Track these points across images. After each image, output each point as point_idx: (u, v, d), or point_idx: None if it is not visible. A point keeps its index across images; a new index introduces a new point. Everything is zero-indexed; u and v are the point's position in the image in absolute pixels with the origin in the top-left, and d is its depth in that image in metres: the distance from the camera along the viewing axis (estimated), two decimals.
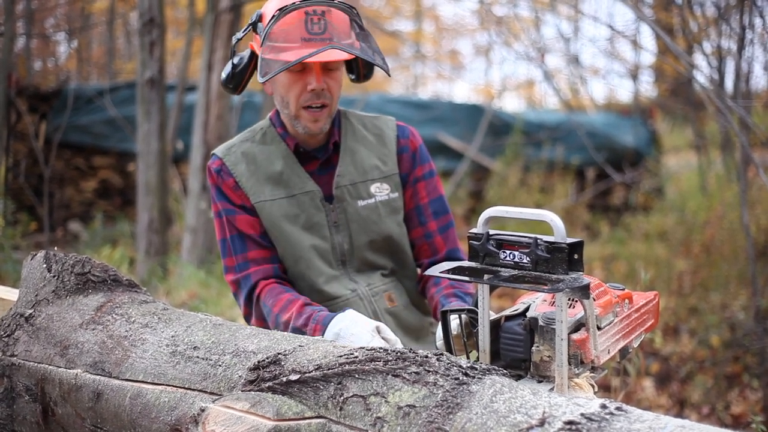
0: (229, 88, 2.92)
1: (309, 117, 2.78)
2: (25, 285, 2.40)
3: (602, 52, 16.59)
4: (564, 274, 1.93)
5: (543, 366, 2.06)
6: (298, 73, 2.73)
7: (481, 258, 2.06)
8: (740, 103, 5.20)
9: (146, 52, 8.13)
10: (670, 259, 8.04)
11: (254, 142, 2.93)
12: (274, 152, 2.90)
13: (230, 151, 2.91)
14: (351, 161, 2.93)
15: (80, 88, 11.27)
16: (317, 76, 2.71)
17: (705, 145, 10.45)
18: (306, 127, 2.81)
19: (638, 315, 2.36)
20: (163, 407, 1.95)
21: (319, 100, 2.75)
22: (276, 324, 2.66)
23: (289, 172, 2.88)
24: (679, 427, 1.43)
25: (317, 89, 2.72)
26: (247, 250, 2.83)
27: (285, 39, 2.63)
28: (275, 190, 2.86)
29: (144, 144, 8.27)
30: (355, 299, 2.86)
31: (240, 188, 2.85)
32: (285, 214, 2.84)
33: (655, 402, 5.59)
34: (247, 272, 2.82)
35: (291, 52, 2.60)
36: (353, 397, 1.72)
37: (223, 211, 2.86)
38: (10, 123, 8.94)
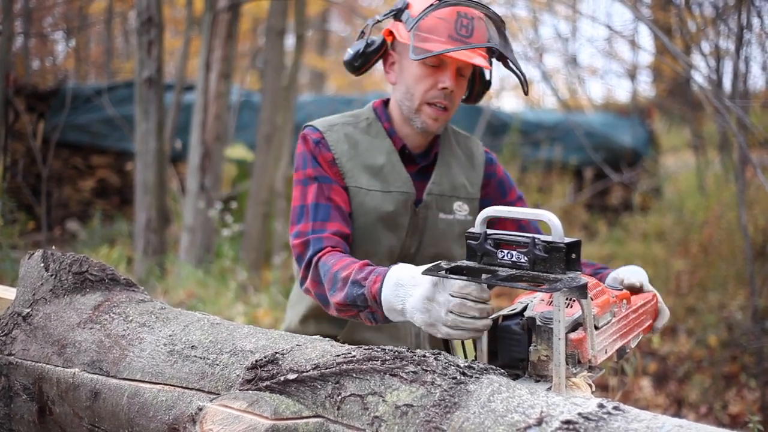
0: (354, 66, 2.88)
1: (431, 113, 2.75)
2: (23, 284, 2.40)
3: (600, 52, 16.61)
4: (562, 273, 1.95)
5: (540, 365, 2.06)
6: (432, 68, 2.71)
7: (479, 257, 2.07)
8: (738, 103, 5.21)
9: (144, 52, 8.13)
10: (668, 259, 8.04)
11: (357, 128, 2.89)
12: (378, 146, 2.86)
13: (332, 128, 2.86)
14: (445, 174, 2.92)
15: (78, 88, 11.26)
16: (452, 76, 2.69)
17: (703, 145, 10.46)
18: (425, 122, 2.78)
19: (636, 315, 2.38)
20: (160, 406, 1.95)
21: (445, 101, 2.73)
22: (333, 281, 2.52)
23: (390, 168, 2.84)
24: (677, 427, 1.43)
25: (449, 88, 2.70)
26: (329, 220, 2.75)
27: (432, 31, 2.63)
28: (372, 181, 2.81)
29: (142, 143, 8.26)
30: None
31: (336, 166, 2.79)
32: (375, 208, 2.80)
33: (652, 401, 5.59)
34: (321, 236, 2.71)
35: (436, 44, 2.61)
36: (351, 397, 1.72)
37: (320, 178, 2.78)
38: (8, 122, 8.93)
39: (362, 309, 2.39)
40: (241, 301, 7.09)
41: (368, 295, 2.32)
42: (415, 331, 2.91)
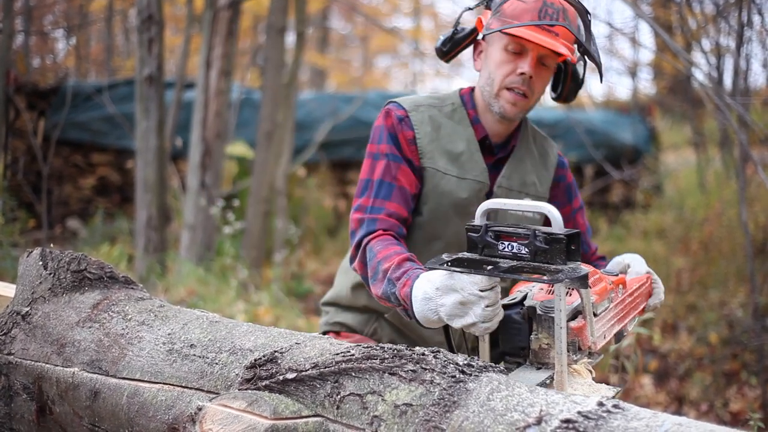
0: (442, 52, 2.93)
1: (509, 98, 2.76)
2: (22, 282, 2.40)
3: (601, 50, 16.58)
4: (562, 264, 1.98)
5: (542, 353, 2.13)
6: (514, 54, 2.72)
7: (480, 249, 2.11)
8: (739, 101, 5.20)
9: (145, 49, 8.12)
10: (669, 257, 8.04)
11: (441, 112, 2.89)
12: (460, 132, 2.87)
13: (417, 108, 2.86)
14: (517, 169, 2.93)
15: (79, 85, 11.26)
16: (532, 62, 2.69)
17: (703, 142, 10.45)
18: (503, 107, 2.78)
19: (632, 299, 2.48)
20: (160, 406, 1.95)
21: (524, 87, 2.73)
22: (375, 271, 2.57)
23: (469, 156, 2.85)
24: (676, 425, 1.43)
25: (527, 74, 2.70)
26: (389, 200, 2.76)
27: (515, 16, 2.64)
28: (449, 166, 2.82)
29: (142, 141, 8.26)
30: None
31: (415, 145, 2.80)
32: (449, 192, 2.81)
33: (653, 399, 5.59)
34: (375, 217, 2.72)
35: (518, 29, 2.62)
36: (350, 396, 1.72)
37: (390, 156, 2.78)
38: (8, 120, 8.93)
39: (396, 305, 2.42)
40: (241, 299, 7.10)
41: (399, 297, 2.36)
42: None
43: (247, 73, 16.16)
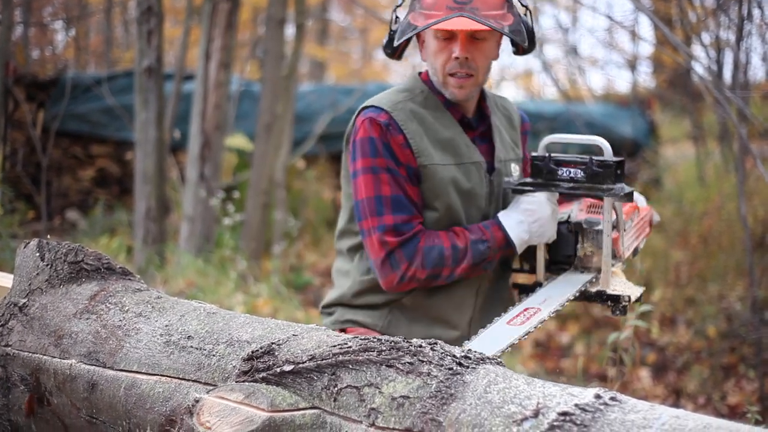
0: (387, 53, 2.98)
1: (455, 83, 2.81)
2: (19, 274, 2.40)
3: (601, 43, 16.59)
4: (612, 184, 2.59)
5: (586, 259, 2.75)
6: (446, 41, 2.77)
7: (544, 175, 2.74)
8: (738, 94, 5.20)
9: (144, 41, 8.11)
10: (668, 250, 8.04)
11: (416, 103, 2.90)
12: (441, 119, 2.89)
13: (397, 106, 2.85)
14: (500, 138, 3.00)
15: (78, 77, 11.24)
16: (461, 45, 2.73)
17: (703, 136, 10.44)
18: (452, 93, 2.84)
19: (643, 223, 3.03)
20: (157, 398, 1.95)
21: (463, 69, 2.77)
22: (454, 253, 2.74)
23: (458, 140, 2.89)
24: (674, 417, 1.43)
25: (461, 57, 2.75)
26: (413, 214, 2.80)
27: (432, 6, 2.70)
28: (444, 156, 2.85)
29: (142, 133, 8.26)
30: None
31: (409, 147, 2.80)
32: (453, 181, 2.83)
33: (651, 392, 5.60)
34: (412, 228, 2.78)
35: (435, 19, 2.67)
36: (347, 388, 1.72)
37: (387, 170, 2.78)
38: (7, 111, 8.92)
39: (485, 262, 2.78)
40: (240, 290, 7.10)
41: (494, 246, 2.77)
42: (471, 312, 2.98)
43: (246, 65, 16.14)
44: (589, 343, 6.85)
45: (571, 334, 7.12)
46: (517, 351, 6.65)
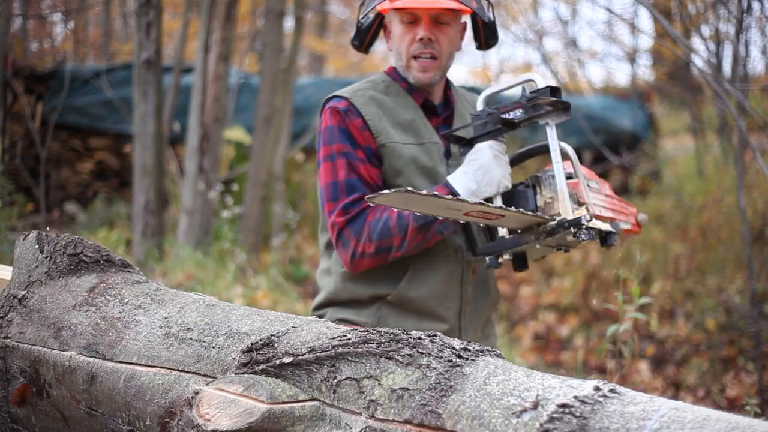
0: (355, 45, 3.08)
1: (418, 66, 2.85)
2: (18, 266, 2.39)
3: (600, 36, 16.56)
4: (550, 108, 2.60)
5: (547, 208, 2.65)
6: (410, 24, 2.83)
7: (486, 127, 2.73)
8: (738, 87, 5.19)
9: (143, 34, 8.11)
10: (667, 243, 8.04)
11: (377, 91, 2.96)
12: (402, 103, 2.93)
13: (356, 93, 2.92)
14: (462, 119, 3.01)
15: (77, 70, 11.23)
16: (425, 26, 2.79)
17: (702, 128, 10.43)
18: (416, 77, 2.88)
19: (619, 203, 2.94)
20: (157, 390, 1.95)
21: (427, 50, 2.82)
22: (399, 221, 2.74)
23: (419, 122, 2.92)
24: (673, 409, 1.43)
25: (424, 38, 2.79)
26: (366, 192, 2.82)
27: None
28: (405, 136, 2.89)
29: (140, 125, 8.25)
30: (454, 259, 2.92)
31: (368, 129, 2.85)
32: (414, 159, 2.87)
33: (650, 385, 5.61)
34: (362, 207, 2.81)
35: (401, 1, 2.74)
36: (346, 380, 1.72)
37: (348, 154, 2.84)
38: (6, 104, 8.91)
39: (434, 223, 2.74)
40: (239, 283, 7.10)
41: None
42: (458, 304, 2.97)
43: (245, 57, 16.13)
44: (589, 336, 6.87)
45: (571, 327, 7.13)
46: (517, 344, 6.66)
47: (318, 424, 1.71)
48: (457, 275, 2.92)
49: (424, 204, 2.40)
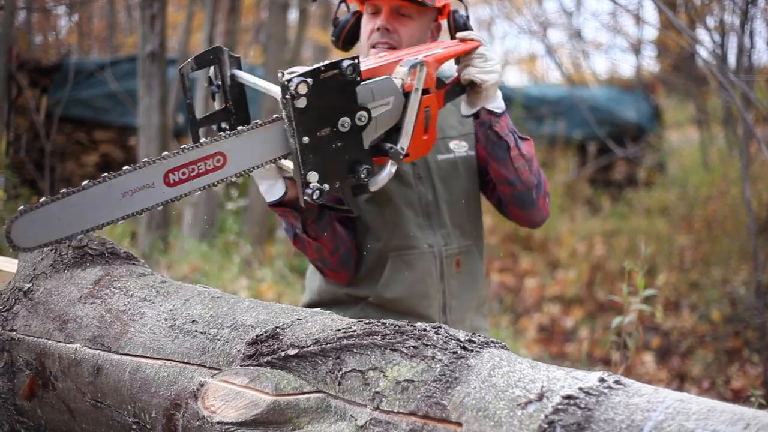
0: (333, 41, 3.02)
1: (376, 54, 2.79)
2: (23, 258, 2.40)
3: (605, 27, 16.54)
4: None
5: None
6: (372, 15, 2.81)
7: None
8: (743, 78, 5.19)
9: (147, 26, 8.10)
10: (672, 235, 8.04)
11: None
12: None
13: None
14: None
15: (81, 62, 11.22)
16: (384, 16, 2.76)
17: (707, 120, 10.42)
18: None
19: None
20: (162, 382, 1.95)
21: (384, 39, 2.78)
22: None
23: None
24: (678, 401, 1.43)
25: (381, 27, 2.76)
26: None
27: None
28: None
29: (145, 118, 8.25)
30: (430, 255, 2.89)
31: None
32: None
33: (655, 376, 5.61)
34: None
35: None
36: (351, 372, 1.72)
37: None
38: (11, 97, 8.90)
39: (288, 226, 2.69)
40: (244, 275, 7.10)
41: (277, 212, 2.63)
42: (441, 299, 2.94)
43: (249, 50, 16.13)
44: (593, 328, 6.87)
45: (575, 319, 7.13)
46: (521, 335, 6.67)
47: (323, 416, 1.72)
48: (434, 271, 2.90)
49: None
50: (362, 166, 2.29)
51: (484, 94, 2.67)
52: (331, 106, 2.18)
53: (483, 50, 2.66)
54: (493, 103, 2.71)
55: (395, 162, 2.41)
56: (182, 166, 2.02)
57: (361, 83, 2.24)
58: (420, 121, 2.48)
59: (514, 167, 2.77)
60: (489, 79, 2.63)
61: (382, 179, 2.41)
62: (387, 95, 2.33)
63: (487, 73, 2.64)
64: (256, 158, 2.18)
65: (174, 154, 2.01)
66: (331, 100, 2.18)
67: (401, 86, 2.37)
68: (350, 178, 2.30)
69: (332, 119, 2.20)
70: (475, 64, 2.65)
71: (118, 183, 1.95)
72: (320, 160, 2.20)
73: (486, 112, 2.71)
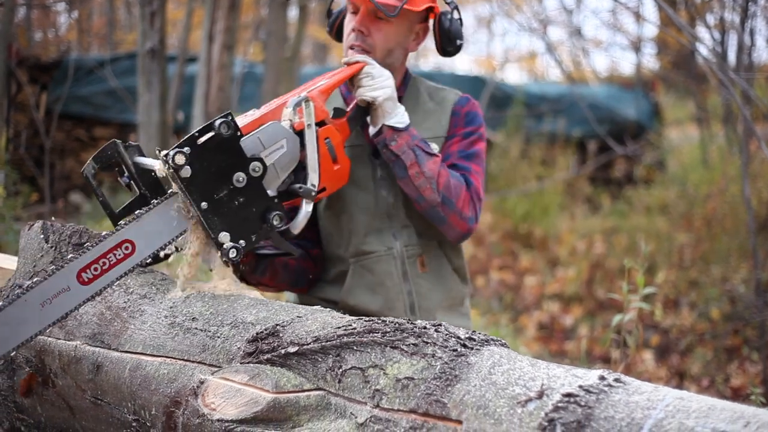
0: (328, 32, 3.00)
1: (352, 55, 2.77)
2: (23, 256, 2.40)
3: (605, 24, 16.54)
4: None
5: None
6: (353, 14, 2.78)
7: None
8: (743, 76, 5.18)
9: (147, 23, 8.09)
10: (671, 233, 8.03)
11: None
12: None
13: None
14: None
15: (81, 59, 11.22)
16: (359, 18, 2.73)
17: (707, 118, 10.41)
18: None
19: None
20: (162, 379, 1.95)
21: (358, 42, 2.74)
22: None
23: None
24: (678, 399, 1.43)
25: (356, 29, 2.73)
26: None
27: None
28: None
29: (145, 115, 8.24)
30: (389, 257, 2.86)
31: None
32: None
33: (654, 374, 5.60)
34: None
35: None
36: (352, 370, 1.72)
37: None
38: (10, 94, 8.90)
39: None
40: None
41: None
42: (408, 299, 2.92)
43: (249, 47, 16.12)
44: (593, 326, 6.86)
45: (575, 317, 7.13)
46: (521, 333, 6.66)
47: (323, 414, 1.72)
48: (395, 273, 2.88)
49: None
50: (272, 212, 2.27)
51: (380, 111, 2.68)
52: (219, 166, 2.17)
53: (369, 69, 2.67)
54: (393, 118, 2.70)
55: (309, 200, 2.42)
56: (92, 263, 2.00)
57: (244, 136, 2.23)
58: (324, 154, 2.50)
59: (414, 185, 2.74)
60: (378, 95, 2.65)
61: (301, 221, 2.43)
62: (278, 139, 2.32)
63: (376, 90, 2.66)
64: (165, 236, 2.16)
65: (80, 254, 2.00)
66: (216, 161, 2.16)
67: (290, 126, 2.37)
68: (265, 228, 2.28)
69: (226, 178, 2.18)
70: (363, 83, 2.67)
71: (33, 295, 1.94)
72: (226, 220, 2.19)
73: (388, 128, 2.69)
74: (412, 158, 2.70)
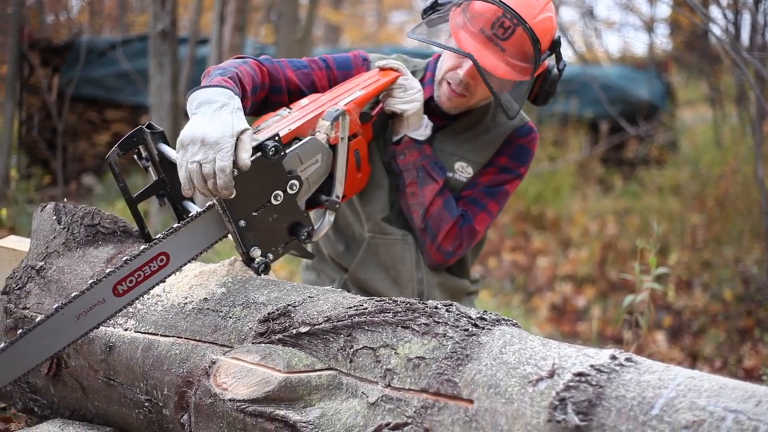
0: (424, 14, 2.87)
1: (446, 92, 2.74)
2: (36, 237, 2.41)
3: (617, 5, 16.45)
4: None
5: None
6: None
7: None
8: (756, 56, 5.15)
9: (158, 5, 8.08)
10: (684, 213, 8.01)
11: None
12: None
13: (381, 59, 2.86)
14: (456, 135, 2.90)
15: (92, 42, 11.22)
16: (468, 71, 2.66)
17: (720, 98, 10.36)
18: (440, 97, 2.78)
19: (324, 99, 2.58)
20: (174, 359, 1.96)
21: (459, 87, 2.70)
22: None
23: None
24: (689, 378, 1.43)
25: (462, 80, 2.67)
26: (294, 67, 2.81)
27: (474, 17, 2.61)
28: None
29: (156, 97, 8.24)
30: (404, 243, 2.88)
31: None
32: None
33: (667, 355, 5.60)
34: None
35: (465, 35, 2.60)
36: (363, 349, 1.73)
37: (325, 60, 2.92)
38: (23, 76, 8.92)
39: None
40: None
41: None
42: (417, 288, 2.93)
43: (261, 28, 16.09)
44: (605, 307, 6.85)
45: (587, 298, 7.12)
46: (533, 314, 6.66)
47: (335, 393, 1.72)
48: (408, 259, 2.89)
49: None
50: (303, 228, 2.28)
51: (406, 123, 2.71)
52: (261, 186, 2.16)
53: (402, 81, 2.68)
54: (417, 131, 2.73)
55: (333, 211, 2.45)
56: (128, 276, 2.00)
57: (286, 155, 2.22)
58: (351, 164, 2.53)
59: (408, 203, 2.79)
60: (409, 109, 2.67)
61: (323, 229, 2.44)
62: (314, 155, 2.33)
63: (407, 103, 2.68)
64: (197, 248, 2.15)
65: (118, 269, 2.00)
66: (259, 181, 2.15)
67: (326, 141, 2.38)
68: (293, 241, 2.29)
69: (265, 196, 2.18)
70: (395, 94, 2.69)
71: (71, 308, 1.95)
72: (259, 235, 2.19)
73: (408, 139, 2.72)
74: (413, 178, 2.74)
